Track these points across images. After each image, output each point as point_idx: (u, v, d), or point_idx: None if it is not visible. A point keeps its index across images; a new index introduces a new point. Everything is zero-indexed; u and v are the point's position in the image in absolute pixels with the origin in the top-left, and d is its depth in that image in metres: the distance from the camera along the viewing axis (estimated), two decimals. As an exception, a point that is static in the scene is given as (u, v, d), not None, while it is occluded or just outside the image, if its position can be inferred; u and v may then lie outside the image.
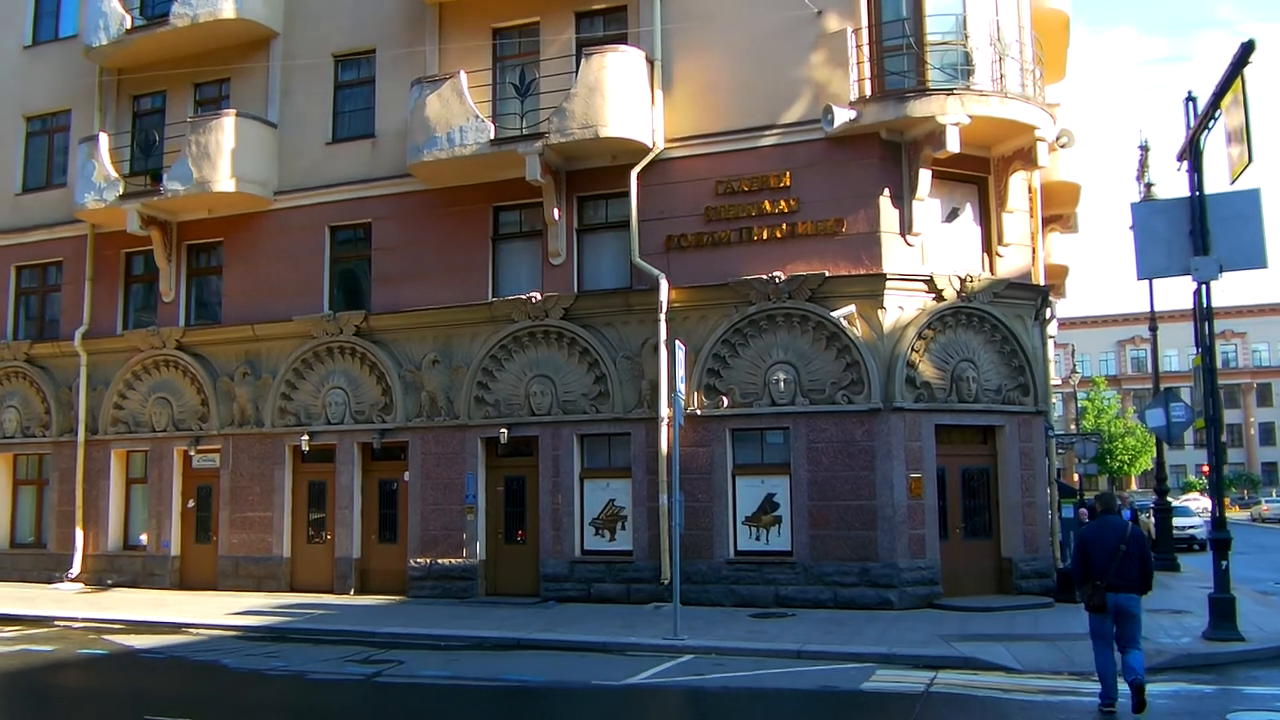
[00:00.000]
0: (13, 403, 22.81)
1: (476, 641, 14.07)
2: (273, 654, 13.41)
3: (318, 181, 20.19)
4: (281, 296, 20.14)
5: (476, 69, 18.62)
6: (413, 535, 18.83)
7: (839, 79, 16.81)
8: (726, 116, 17.45)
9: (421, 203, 19.28)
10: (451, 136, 17.82)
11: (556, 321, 17.90)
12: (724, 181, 17.29)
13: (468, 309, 18.61)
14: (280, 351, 20.12)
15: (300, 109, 20.62)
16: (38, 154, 23.65)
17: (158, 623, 16.25)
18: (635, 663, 12.30)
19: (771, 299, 16.69)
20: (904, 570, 15.91)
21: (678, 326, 17.10)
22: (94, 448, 21.83)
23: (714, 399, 17.03)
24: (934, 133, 16.09)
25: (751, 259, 16.97)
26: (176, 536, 21.03)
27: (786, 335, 16.73)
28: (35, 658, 13.46)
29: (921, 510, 16.20)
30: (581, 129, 17.08)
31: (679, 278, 17.27)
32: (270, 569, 19.84)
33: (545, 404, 18.03)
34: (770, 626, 14.46)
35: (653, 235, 17.57)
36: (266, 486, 20.09)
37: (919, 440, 16.31)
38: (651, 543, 17.12)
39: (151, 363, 21.27)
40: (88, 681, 12.35)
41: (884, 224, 16.51)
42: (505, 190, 18.49)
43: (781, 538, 16.67)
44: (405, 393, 19.02)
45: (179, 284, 21.44)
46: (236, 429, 20.43)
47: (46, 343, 22.52)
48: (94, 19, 21.39)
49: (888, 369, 16.22)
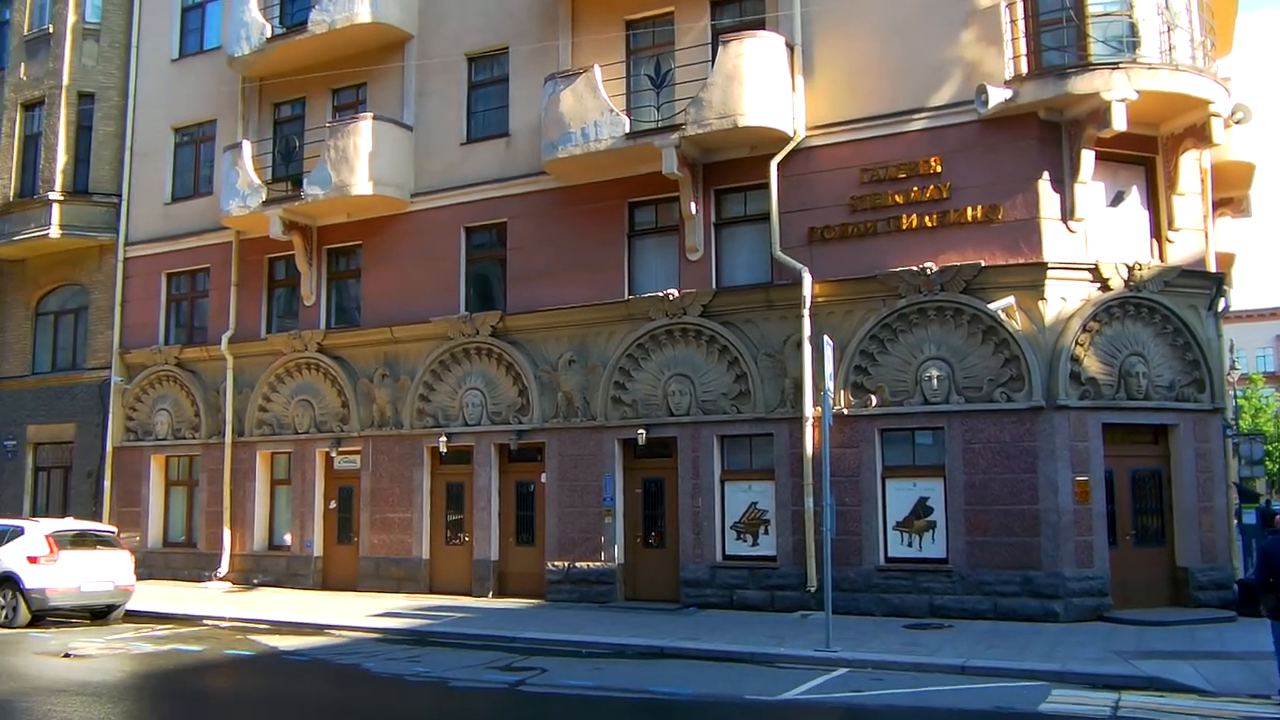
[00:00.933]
0: (164, 406, 23.48)
1: (618, 649, 13.64)
2: (414, 658, 13.24)
3: (453, 182, 20.14)
4: (418, 298, 20.15)
5: (610, 62, 18.24)
6: (550, 538, 18.56)
7: (992, 57, 15.83)
8: (871, 101, 16.65)
9: (556, 200, 19.01)
10: (586, 132, 17.48)
11: (695, 319, 17.37)
12: (870, 169, 16.49)
13: (603, 307, 18.24)
14: (418, 353, 20.13)
15: (435, 110, 20.62)
16: (185, 164, 24.33)
17: (301, 624, 16.35)
18: (787, 676, 11.66)
19: (922, 291, 15.81)
20: (1070, 580, 14.84)
21: (822, 322, 16.38)
22: (240, 449, 22.29)
23: (862, 398, 16.24)
24: (1097, 110, 14.99)
25: (900, 250, 16.13)
26: (319, 537, 21.27)
27: (939, 330, 15.83)
28: (185, 658, 13.60)
29: (1088, 515, 15.09)
30: (719, 119, 16.51)
31: (822, 271, 16.54)
32: (410, 570, 19.86)
33: (684, 404, 17.51)
34: (927, 638, 13.62)
35: (794, 227, 16.88)
36: (406, 488, 20.13)
37: (1085, 440, 15.20)
38: (796, 548, 16.43)
39: (294, 365, 21.59)
40: (234, 684, 12.36)
41: (1044, 209, 15.45)
42: (640, 185, 18.07)
43: (936, 544, 15.76)
44: (541, 393, 18.77)
45: (319, 288, 21.71)
46: (376, 430, 20.53)
47: (195, 347, 23.11)
48: (236, 29, 21.85)
49: (1050, 364, 15.17)
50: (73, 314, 25.47)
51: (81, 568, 16.86)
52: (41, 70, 25.27)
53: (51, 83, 24.90)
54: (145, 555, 22.93)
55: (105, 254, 24.70)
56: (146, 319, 24.06)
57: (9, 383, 25.83)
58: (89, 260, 24.96)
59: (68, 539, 17.16)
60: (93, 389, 24.49)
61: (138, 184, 24.56)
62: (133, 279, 24.35)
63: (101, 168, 24.71)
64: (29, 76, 25.55)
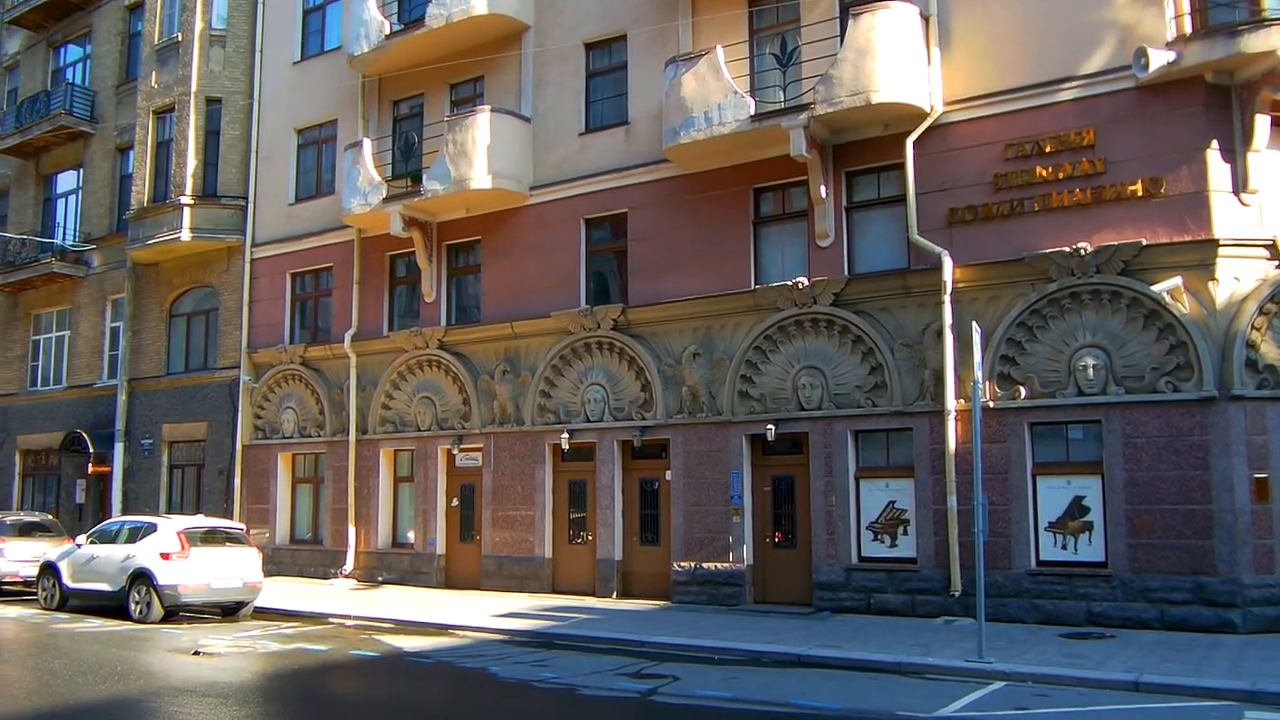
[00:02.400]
0: (290, 404, 23.67)
1: (752, 656, 12.89)
2: (540, 662, 12.74)
3: (571, 174, 19.69)
4: (538, 293, 19.75)
5: (732, 42, 17.51)
6: (675, 537, 17.92)
7: (1151, 17, 14.56)
8: (1015, 71, 15.53)
9: (677, 189, 18.36)
10: (709, 115, 16.78)
11: (826, 308, 16.50)
12: (1015, 144, 15.37)
13: (729, 298, 17.51)
14: (538, 348, 19.74)
15: (553, 101, 20.20)
16: (308, 164, 24.51)
17: (425, 623, 16.07)
18: (939, 689, 10.76)
19: (1075, 274, 14.64)
20: (1249, 587, 13.50)
21: (964, 309, 15.34)
22: (364, 447, 22.28)
23: (1009, 389, 15.14)
24: (1273, 71, 13.62)
25: (1049, 230, 14.98)
26: (442, 535, 21.10)
27: (1094, 315, 14.63)
28: (310, 658, 13.38)
29: (1268, 517, 13.71)
30: (851, 96, 15.61)
31: (963, 255, 15.49)
32: (532, 569, 19.47)
33: (815, 398, 16.66)
34: (1089, 649, 12.49)
35: (932, 209, 15.87)
36: (528, 485, 19.76)
37: (1264, 434, 13.82)
38: (938, 549, 15.43)
39: (415, 363, 21.46)
40: (358, 687, 12.04)
41: (1213, 182, 14.12)
42: (766, 170, 17.29)
43: (1094, 546, 14.57)
44: (665, 388, 18.15)
45: (439, 284, 21.53)
46: (497, 427, 20.22)
47: (319, 346, 23.22)
48: (355, 28, 21.84)
49: (1222, 351, 13.84)
50: (203, 315, 25.94)
51: (211, 564, 16.93)
52: (171, 78, 25.78)
53: (181, 89, 25.37)
54: (273, 552, 23.15)
55: (233, 255, 25.06)
56: (273, 318, 24.31)
57: (146, 383, 26.46)
58: (218, 262, 25.37)
59: (198, 536, 17.26)
60: (223, 388, 24.87)
61: (262, 186, 24.86)
62: (259, 279, 24.64)
63: (228, 171, 25.08)
64: (159, 84, 26.11)
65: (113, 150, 28.57)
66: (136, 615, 16.70)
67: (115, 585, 17.19)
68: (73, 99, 28.93)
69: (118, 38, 29.15)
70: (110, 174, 28.64)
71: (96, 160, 29.06)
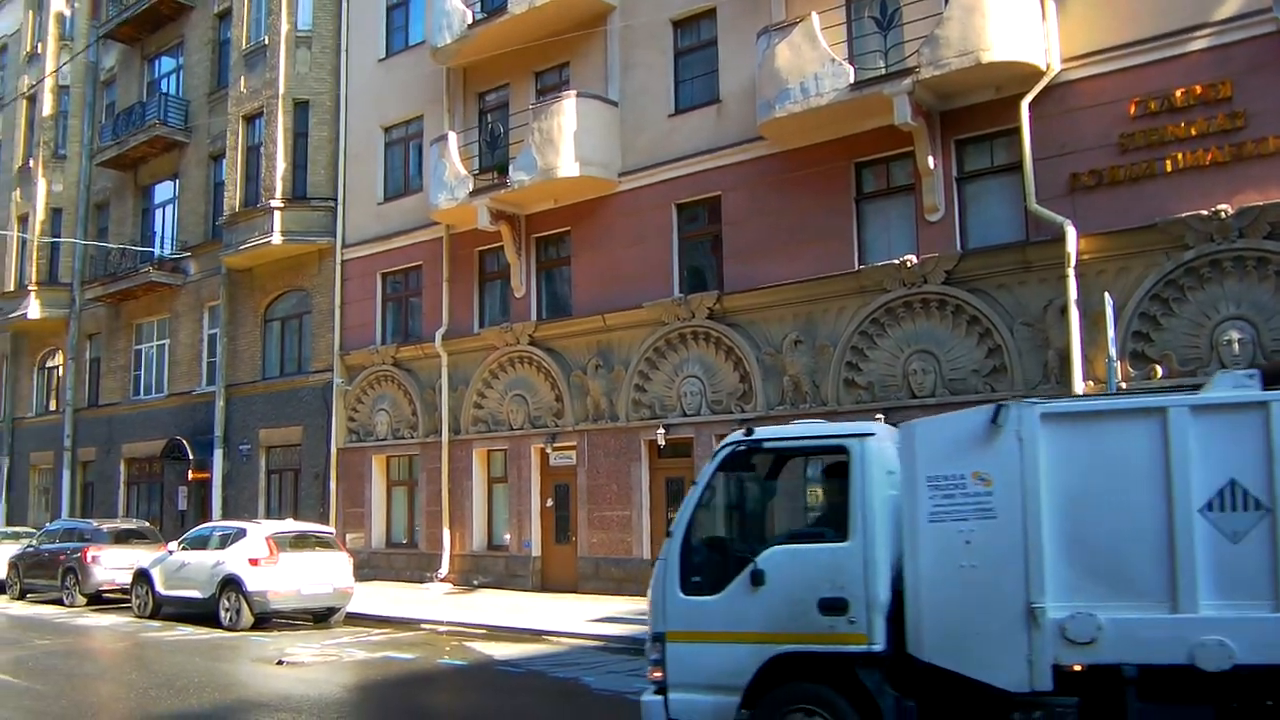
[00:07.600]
0: (383, 406, 23.34)
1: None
2: (635, 672, 11.87)
3: (661, 157, 18.87)
4: (630, 283, 18.98)
5: (828, 8, 16.47)
6: (780, 536, 16.93)
7: (1296, -47, 13.14)
8: (1139, 22, 14.21)
9: (773, 168, 17.40)
10: (806, 86, 15.79)
11: (937, 287, 15.37)
12: (1142, 100, 14.04)
13: (830, 280, 16.49)
14: (631, 341, 18.97)
15: (640, 83, 19.42)
16: (395, 162, 24.19)
17: (518, 629, 15.41)
18: None
19: (1215, 240, 13.28)
20: None
21: (1090, 282, 14.07)
22: (457, 447, 21.81)
23: (1143, 368, 13.82)
24: None
25: (1183, 192, 13.63)
26: (537, 536, 20.48)
27: (1238, 284, 13.24)
28: (395, 666, 12.81)
29: None
30: (959, 57, 14.48)
31: (1088, 224, 14.22)
32: (630, 572, 18.67)
33: (928, 384, 15.53)
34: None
35: (1052, 176, 14.63)
36: (624, 484, 18.98)
37: None
38: (1068, 545, 14.16)
39: (506, 360, 20.90)
40: (441, 700, 11.38)
41: (1373, 130, 12.65)
42: (867, 143, 16.23)
43: (1246, 540, 13.17)
44: (765, 378, 17.19)
45: (529, 278, 20.94)
46: (591, 424, 19.51)
47: (410, 345, 22.85)
48: (438, 20, 21.41)
49: (1391, 318, 12.37)
50: (297, 319, 25.86)
51: (301, 570, 16.54)
52: (259, 82, 25.75)
53: (269, 93, 25.30)
54: (369, 556, 22.84)
55: (324, 258, 24.88)
56: (364, 320, 24.03)
57: (242, 389, 26.49)
58: (309, 265, 25.23)
59: (288, 541, 16.89)
60: (317, 392, 24.71)
61: (351, 186, 24.62)
62: (350, 281, 24.40)
63: (317, 172, 24.92)
64: (248, 89, 26.11)
65: (206, 158, 28.74)
66: (226, 623, 16.39)
67: (206, 592, 16.93)
68: (167, 109, 29.22)
69: (208, 46, 29.34)
70: (205, 182, 28.84)
71: (191, 169, 29.29)
